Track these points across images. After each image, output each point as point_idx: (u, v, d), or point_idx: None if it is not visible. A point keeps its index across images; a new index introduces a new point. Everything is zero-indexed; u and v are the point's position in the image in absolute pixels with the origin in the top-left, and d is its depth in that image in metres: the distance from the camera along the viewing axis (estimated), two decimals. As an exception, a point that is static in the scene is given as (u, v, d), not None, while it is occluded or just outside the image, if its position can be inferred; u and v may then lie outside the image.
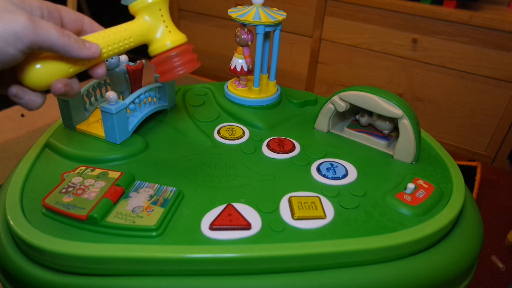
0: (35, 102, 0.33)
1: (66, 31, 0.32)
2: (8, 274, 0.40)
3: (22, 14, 0.28)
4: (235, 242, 0.39)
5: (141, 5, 0.38)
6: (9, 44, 0.28)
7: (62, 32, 0.31)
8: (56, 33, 0.30)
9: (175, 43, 0.40)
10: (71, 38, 0.32)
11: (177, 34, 0.41)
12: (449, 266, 0.42)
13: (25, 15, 0.28)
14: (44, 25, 0.30)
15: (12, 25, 0.28)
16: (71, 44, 0.32)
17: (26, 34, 0.28)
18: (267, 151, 0.54)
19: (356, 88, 0.54)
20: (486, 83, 1.35)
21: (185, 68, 0.41)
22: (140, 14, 0.39)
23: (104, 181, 0.44)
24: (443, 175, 0.51)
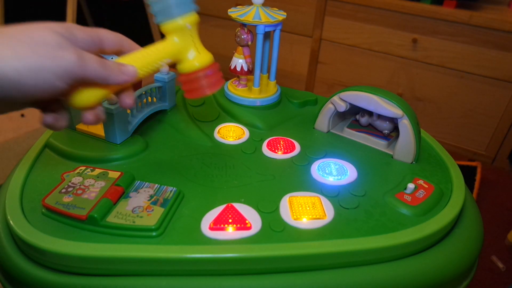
0: (62, 127, 0.35)
1: (105, 61, 0.34)
2: (8, 274, 0.40)
3: (72, 52, 0.31)
4: (235, 242, 0.39)
5: (173, 27, 0.39)
6: (59, 79, 0.30)
7: (103, 64, 0.33)
8: (98, 66, 0.33)
9: (203, 64, 0.41)
10: (109, 68, 0.34)
11: (205, 54, 0.42)
12: (449, 266, 0.42)
13: (75, 52, 0.31)
14: (89, 60, 0.32)
15: (63, 63, 0.30)
16: (110, 74, 0.34)
17: (74, 70, 0.31)
18: (267, 151, 0.54)
19: (356, 88, 0.54)
20: (486, 83, 1.35)
21: (211, 89, 0.42)
22: (171, 35, 0.40)
23: (104, 181, 0.44)
24: (443, 175, 0.51)
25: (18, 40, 0.29)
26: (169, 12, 0.39)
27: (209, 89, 0.42)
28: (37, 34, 0.30)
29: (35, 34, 0.29)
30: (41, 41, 0.29)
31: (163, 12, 0.39)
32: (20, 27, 0.30)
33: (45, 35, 0.30)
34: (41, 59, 0.29)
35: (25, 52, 0.28)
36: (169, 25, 0.40)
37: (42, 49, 0.29)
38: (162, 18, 0.39)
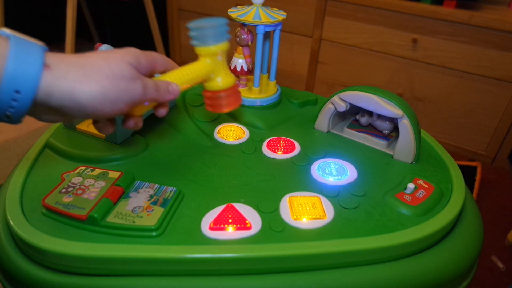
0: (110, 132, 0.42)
1: (158, 84, 0.39)
2: (8, 274, 0.40)
3: (140, 84, 0.36)
4: (235, 242, 0.39)
5: (207, 52, 0.45)
6: (127, 105, 0.36)
7: (157, 88, 0.39)
8: (154, 91, 0.38)
9: (226, 86, 0.47)
10: (161, 89, 0.40)
11: (229, 77, 0.48)
12: (449, 266, 0.42)
13: (141, 84, 0.36)
14: (149, 87, 0.38)
15: (134, 94, 0.36)
16: (161, 95, 0.40)
17: (139, 98, 0.37)
18: (267, 151, 0.54)
19: (356, 88, 0.54)
20: (486, 83, 1.35)
21: (229, 107, 0.49)
22: (204, 58, 0.46)
23: (104, 181, 0.44)
24: (443, 175, 0.51)
25: (102, 73, 0.33)
26: (205, 41, 0.45)
27: (227, 108, 0.49)
28: (117, 68, 0.34)
29: (115, 68, 0.34)
30: (120, 75, 0.34)
31: (200, 39, 0.45)
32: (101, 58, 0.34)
33: (123, 69, 0.35)
34: (120, 92, 0.34)
35: (109, 87, 0.33)
36: (204, 50, 0.45)
37: (121, 83, 0.34)
38: (198, 43, 0.45)
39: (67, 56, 0.33)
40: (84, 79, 0.32)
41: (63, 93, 0.31)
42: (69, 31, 1.43)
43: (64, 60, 0.32)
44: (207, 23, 0.45)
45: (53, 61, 0.31)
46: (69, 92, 0.32)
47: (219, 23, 0.45)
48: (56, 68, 0.31)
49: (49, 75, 0.31)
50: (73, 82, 0.32)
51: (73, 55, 0.34)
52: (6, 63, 0.29)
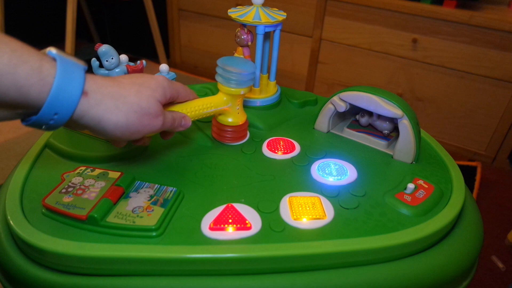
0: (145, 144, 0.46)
1: (175, 117, 0.43)
2: (8, 274, 0.40)
3: (161, 120, 0.40)
4: (235, 242, 0.39)
5: (228, 92, 0.49)
6: (143, 135, 0.39)
7: (173, 121, 0.43)
8: (170, 125, 0.42)
9: (235, 124, 0.52)
10: (175, 122, 0.43)
11: (240, 116, 0.52)
12: (449, 266, 0.42)
13: (162, 120, 0.40)
14: (167, 121, 0.41)
15: (153, 129, 0.39)
16: (175, 127, 0.44)
17: (156, 131, 0.41)
18: (267, 151, 0.54)
19: (356, 88, 0.54)
20: (486, 83, 1.35)
21: (232, 142, 0.54)
22: (223, 94, 0.50)
23: (104, 181, 0.44)
24: (443, 175, 0.51)
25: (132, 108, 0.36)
26: (229, 82, 0.48)
27: (231, 141, 0.54)
28: (146, 105, 0.37)
29: (144, 104, 0.37)
30: (146, 112, 0.38)
31: (225, 79, 0.48)
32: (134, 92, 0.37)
33: (150, 106, 0.38)
34: (141, 127, 0.38)
35: (133, 121, 0.37)
36: (225, 89, 0.49)
37: (146, 119, 0.38)
38: (221, 81, 0.49)
39: (104, 83, 0.35)
40: (114, 110, 0.35)
41: (93, 118, 0.34)
42: (69, 31, 1.43)
43: (100, 89, 0.35)
44: (235, 67, 0.48)
45: (91, 88, 0.34)
46: (98, 119, 0.34)
47: (247, 71, 0.48)
48: (92, 96, 0.34)
49: (85, 102, 0.33)
50: (104, 111, 0.34)
51: (110, 81, 0.36)
52: (51, 88, 0.31)
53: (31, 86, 0.30)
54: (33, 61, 0.30)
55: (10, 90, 0.29)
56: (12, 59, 0.29)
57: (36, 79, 0.30)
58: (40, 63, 0.31)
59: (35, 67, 0.30)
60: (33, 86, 0.30)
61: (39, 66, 0.30)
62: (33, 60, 0.30)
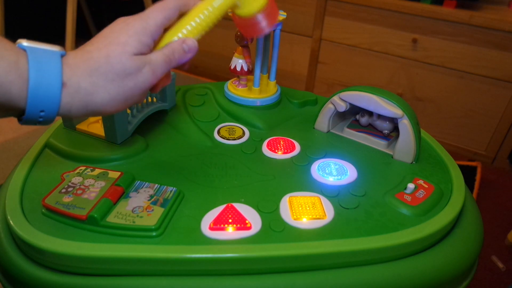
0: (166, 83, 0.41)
1: (170, 50, 0.37)
2: (8, 274, 0.40)
3: (146, 71, 0.34)
4: (235, 242, 0.39)
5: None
6: (141, 94, 0.36)
7: (169, 58, 0.36)
8: (165, 66, 0.36)
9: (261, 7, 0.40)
10: (176, 54, 0.37)
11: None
12: (449, 266, 0.42)
13: (148, 70, 0.35)
14: (158, 66, 0.35)
15: (142, 85, 0.35)
16: (178, 60, 0.37)
17: (151, 83, 0.35)
18: (267, 151, 0.54)
19: (356, 88, 0.54)
20: (486, 83, 1.35)
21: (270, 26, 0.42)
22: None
23: (104, 181, 0.44)
24: (443, 175, 0.51)
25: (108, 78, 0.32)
26: None
27: (268, 27, 0.42)
28: (119, 66, 0.33)
29: (117, 66, 0.33)
30: (123, 73, 0.33)
31: None
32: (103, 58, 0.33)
33: (126, 65, 0.33)
34: (129, 91, 0.34)
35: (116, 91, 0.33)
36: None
37: (128, 81, 0.33)
38: None
39: (75, 63, 0.32)
40: (94, 90, 0.32)
41: (79, 107, 0.32)
42: (69, 31, 1.43)
43: (75, 71, 0.32)
44: None
45: (67, 76, 0.31)
46: (84, 106, 0.33)
47: None
48: (70, 84, 0.31)
49: (66, 93, 0.31)
50: (85, 96, 0.32)
51: (80, 57, 0.33)
52: (28, 85, 0.29)
53: (11, 84, 0.28)
54: (9, 56, 0.28)
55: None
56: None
57: (14, 75, 0.28)
58: (17, 57, 0.29)
59: (12, 62, 0.28)
60: (13, 83, 0.28)
61: (16, 61, 0.29)
62: (9, 54, 0.28)
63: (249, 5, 0.40)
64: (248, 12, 0.40)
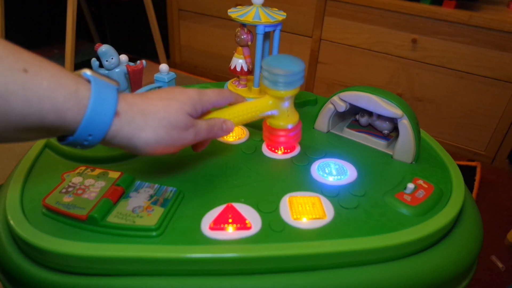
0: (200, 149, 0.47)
1: (212, 123, 0.42)
2: (8, 274, 0.40)
3: (192, 132, 0.39)
4: (235, 242, 0.39)
5: (276, 95, 0.45)
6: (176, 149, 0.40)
7: (210, 129, 0.42)
8: (206, 134, 0.41)
9: (287, 125, 0.48)
10: (215, 128, 0.43)
11: (293, 117, 0.48)
12: (449, 266, 0.42)
13: (193, 132, 0.39)
14: (201, 132, 0.40)
15: (183, 142, 0.39)
16: (215, 134, 0.43)
17: (189, 143, 0.40)
18: (267, 151, 0.54)
19: (356, 88, 0.54)
20: (486, 83, 1.35)
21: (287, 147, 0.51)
22: (269, 97, 0.46)
23: (104, 181, 0.44)
24: (442, 175, 0.51)
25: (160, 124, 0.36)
26: (276, 85, 0.45)
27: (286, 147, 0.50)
28: (174, 118, 0.37)
29: (172, 118, 0.37)
30: (175, 125, 0.37)
31: (272, 81, 0.45)
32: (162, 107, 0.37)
33: (179, 119, 0.38)
34: (172, 141, 0.38)
35: (162, 136, 0.37)
36: (272, 92, 0.45)
37: (175, 133, 0.37)
38: (268, 84, 0.45)
39: (134, 101, 0.36)
40: (144, 127, 0.35)
41: (124, 137, 0.35)
42: (69, 31, 1.43)
43: (131, 107, 0.35)
44: (283, 69, 0.43)
45: (122, 108, 0.34)
46: (129, 137, 0.35)
47: (295, 71, 0.44)
48: (123, 115, 0.34)
49: (117, 122, 0.34)
50: (134, 129, 0.35)
51: (139, 99, 0.37)
52: (86, 111, 0.32)
53: (68, 110, 0.31)
54: (70, 85, 0.31)
55: (50, 114, 0.30)
56: (51, 84, 0.30)
57: (73, 102, 0.31)
58: (77, 86, 0.31)
59: (72, 91, 0.31)
60: (70, 109, 0.31)
61: (76, 89, 0.31)
62: (70, 84, 0.31)
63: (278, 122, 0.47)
64: (276, 125, 0.48)
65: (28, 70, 0.28)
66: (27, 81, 0.28)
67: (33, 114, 0.29)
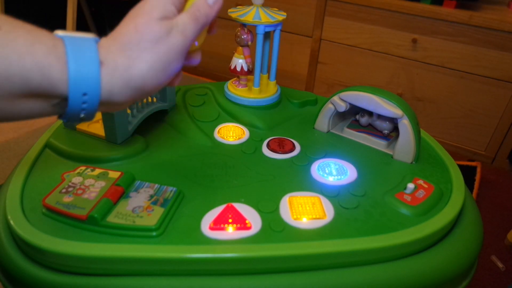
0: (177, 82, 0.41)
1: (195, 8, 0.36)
2: (8, 274, 0.40)
3: (176, 34, 0.34)
4: (235, 242, 0.39)
5: None
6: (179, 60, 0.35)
7: (196, 19, 0.35)
8: (195, 27, 0.35)
9: None
10: (202, 12, 0.36)
11: None
12: (449, 266, 0.42)
13: (178, 33, 0.34)
14: (187, 27, 0.35)
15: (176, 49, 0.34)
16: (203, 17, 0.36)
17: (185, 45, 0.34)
18: (267, 151, 0.54)
19: (356, 88, 0.54)
20: (486, 83, 1.35)
21: None
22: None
23: (104, 181, 0.44)
24: (443, 175, 0.51)
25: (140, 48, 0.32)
26: None
27: None
28: (149, 33, 0.32)
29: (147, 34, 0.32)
30: (154, 39, 0.32)
31: None
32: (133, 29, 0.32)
33: (154, 31, 0.32)
34: (163, 56, 0.33)
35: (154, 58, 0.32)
36: None
37: (160, 47, 0.32)
38: None
39: (108, 42, 0.32)
40: (129, 62, 0.32)
41: (121, 85, 0.32)
42: (69, 31, 1.42)
43: (108, 50, 0.32)
44: None
45: (103, 56, 0.31)
46: (125, 82, 0.32)
47: None
48: (107, 62, 0.31)
49: (105, 73, 0.31)
50: (123, 71, 0.32)
51: (111, 36, 0.33)
52: (68, 67, 0.30)
53: (51, 67, 0.29)
54: (47, 41, 0.29)
55: (33, 73, 0.28)
56: (27, 39, 0.28)
57: (54, 57, 0.29)
58: (54, 41, 0.30)
59: (50, 46, 0.29)
60: (53, 66, 0.29)
61: (54, 44, 0.30)
62: (47, 39, 0.30)
63: None
64: None
65: (1, 27, 0.28)
66: (2, 37, 0.27)
67: (16, 74, 0.28)
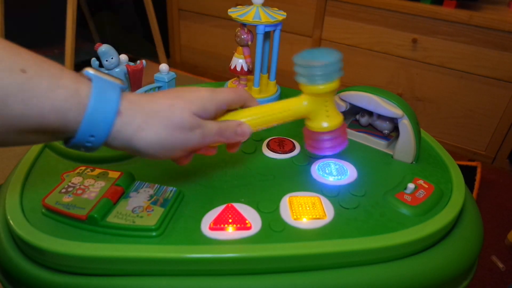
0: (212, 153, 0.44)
1: (225, 126, 0.39)
2: (8, 274, 0.40)
3: (198, 133, 0.36)
4: (235, 242, 0.39)
5: (315, 91, 0.40)
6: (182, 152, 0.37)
7: (221, 132, 0.39)
8: (217, 136, 0.38)
9: (331, 128, 0.42)
10: (228, 132, 0.39)
11: (334, 118, 0.42)
12: (449, 266, 0.42)
13: (200, 133, 0.36)
14: (209, 134, 0.37)
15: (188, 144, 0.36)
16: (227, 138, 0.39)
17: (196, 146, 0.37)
18: (267, 151, 0.54)
19: (356, 88, 0.54)
20: (486, 83, 1.35)
21: (333, 151, 0.43)
22: (305, 96, 0.41)
23: (104, 181, 0.44)
24: (443, 175, 0.51)
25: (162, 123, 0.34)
26: (313, 80, 0.40)
27: (331, 151, 0.43)
28: (178, 118, 0.35)
29: (176, 118, 0.35)
30: (179, 125, 0.35)
31: (307, 77, 0.40)
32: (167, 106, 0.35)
33: (184, 119, 0.35)
34: (175, 142, 0.35)
35: (165, 136, 0.34)
36: (310, 89, 0.40)
37: (179, 134, 0.35)
38: (304, 81, 0.40)
39: (137, 100, 0.34)
40: (144, 127, 0.33)
41: (124, 138, 0.33)
42: (69, 31, 1.43)
43: (134, 106, 0.33)
44: (317, 61, 0.39)
45: (125, 107, 0.33)
46: (129, 137, 0.33)
47: (332, 61, 0.39)
48: (125, 114, 0.33)
49: (119, 121, 0.32)
50: (134, 129, 0.33)
51: (144, 98, 0.35)
52: (87, 109, 0.31)
53: (68, 110, 0.30)
54: (70, 85, 0.30)
55: (50, 115, 0.29)
56: (50, 84, 0.29)
57: (73, 102, 0.30)
58: (77, 85, 0.31)
59: (72, 90, 0.30)
60: (70, 109, 0.30)
61: (76, 89, 0.30)
62: (70, 83, 0.30)
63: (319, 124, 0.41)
64: (316, 129, 0.42)
65: (26, 71, 0.28)
66: (26, 81, 0.28)
67: (33, 116, 0.29)
